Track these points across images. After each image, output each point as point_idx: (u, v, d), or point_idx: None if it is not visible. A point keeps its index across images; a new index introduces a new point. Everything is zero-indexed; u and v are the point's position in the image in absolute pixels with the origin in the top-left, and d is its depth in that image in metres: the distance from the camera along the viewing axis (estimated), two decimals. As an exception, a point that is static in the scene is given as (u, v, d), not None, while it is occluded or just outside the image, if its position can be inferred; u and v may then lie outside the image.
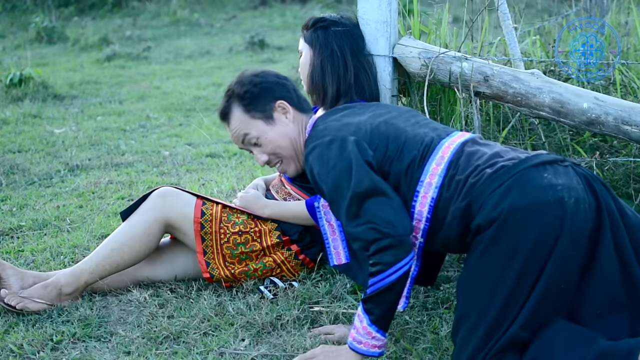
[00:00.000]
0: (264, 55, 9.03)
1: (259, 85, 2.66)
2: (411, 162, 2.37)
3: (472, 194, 2.27)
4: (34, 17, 10.90)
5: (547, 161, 2.29)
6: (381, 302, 2.33)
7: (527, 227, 2.17)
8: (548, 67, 3.57)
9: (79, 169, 4.76)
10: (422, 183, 2.34)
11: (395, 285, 2.30)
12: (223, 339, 2.73)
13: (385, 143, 2.39)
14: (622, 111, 2.87)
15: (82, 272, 3.00)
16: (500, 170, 2.26)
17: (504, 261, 2.19)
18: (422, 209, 2.34)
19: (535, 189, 2.21)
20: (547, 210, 2.18)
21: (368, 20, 3.14)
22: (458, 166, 2.34)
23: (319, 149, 2.39)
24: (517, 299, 2.19)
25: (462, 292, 2.29)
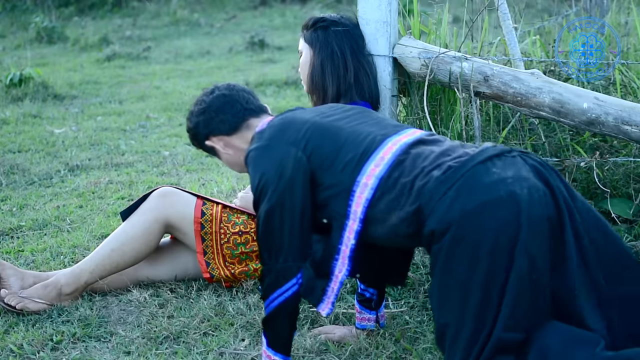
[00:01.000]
0: (264, 55, 9.03)
1: (190, 131, 2.64)
2: (348, 162, 2.34)
3: (421, 198, 2.22)
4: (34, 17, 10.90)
5: (494, 154, 2.24)
6: (272, 326, 2.38)
7: (484, 227, 2.13)
8: (548, 67, 3.57)
9: (79, 169, 4.76)
10: (358, 183, 2.31)
11: (282, 311, 2.35)
12: (223, 339, 2.74)
13: (320, 146, 2.37)
14: (622, 111, 2.87)
15: (82, 272, 3.00)
16: (447, 172, 2.21)
17: (469, 266, 2.15)
18: (357, 209, 2.32)
19: (485, 186, 2.16)
20: (500, 206, 2.13)
21: (368, 20, 3.14)
22: (404, 168, 2.30)
23: (254, 152, 2.40)
24: (491, 301, 2.14)
25: (435, 304, 2.25)
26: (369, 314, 2.72)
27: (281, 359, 2.41)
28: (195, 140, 2.65)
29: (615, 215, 3.18)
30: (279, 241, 2.34)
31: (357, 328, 2.74)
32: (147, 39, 10.41)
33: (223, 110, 2.59)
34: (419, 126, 3.27)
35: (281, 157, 2.35)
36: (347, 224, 2.34)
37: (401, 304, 2.95)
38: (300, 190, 2.34)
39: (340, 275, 2.38)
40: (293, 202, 2.33)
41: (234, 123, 2.58)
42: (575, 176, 3.30)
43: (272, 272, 2.35)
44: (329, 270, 2.39)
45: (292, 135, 2.38)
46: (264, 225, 2.35)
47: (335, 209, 2.35)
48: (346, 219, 2.34)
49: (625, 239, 3.08)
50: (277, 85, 7.24)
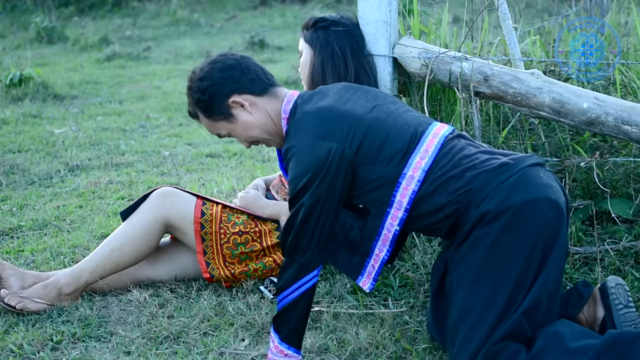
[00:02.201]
0: (264, 55, 9.03)
1: (207, 90, 2.53)
2: (395, 155, 2.40)
3: (474, 183, 2.34)
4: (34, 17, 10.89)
5: (539, 163, 2.43)
6: (287, 319, 2.42)
7: (536, 219, 2.29)
8: (548, 67, 3.57)
9: (79, 169, 4.76)
10: (404, 175, 2.38)
11: (299, 302, 2.40)
12: (223, 339, 2.74)
13: (367, 141, 2.40)
14: (622, 111, 2.87)
15: (82, 272, 3.00)
16: (502, 167, 2.36)
17: (514, 253, 2.29)
18: (402, 199, 2.39)
19: (539, 186, 2.34)
20: (550, 206, 2.31)
21: (368, 20, 3.13)
22: (449, 159, 2.40)
23: (299, 147, 2.39)
24: (521, 290, 2.28)
25: (465, 285, 2.32)
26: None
27: (294, 352, 2.44)
28: (214, 97, 2.53)
29: (615, 215, 3.18)
30: (311, 236, 2.37)
31: None
32: (147, 39, 10.40)
33: (252, 70, 2.54)
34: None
35: (327, 154, 2.35)
36: (390, 212, 2.41)
37: (401, 304, 2.95)
38: (340, 188, 2.38)
39: (381, 255, 2.46)
40: (333, 201, 2.37)
41: (265, 84, 2.53)
42: (575, 176, 3.29)
43: (296, 264, 2.38)
44: (368, 250, 2.45)
45: (337, 132, 2.38)
46: (303, 219, 2.36)
47: (376, 198, 2.42)
48: (388, 207, 2.41)
49: (625, 239, 3.09)
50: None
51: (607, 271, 3.00)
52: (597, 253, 3.03)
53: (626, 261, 3.04)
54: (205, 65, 2.56)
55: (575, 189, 3.32)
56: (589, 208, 3.21)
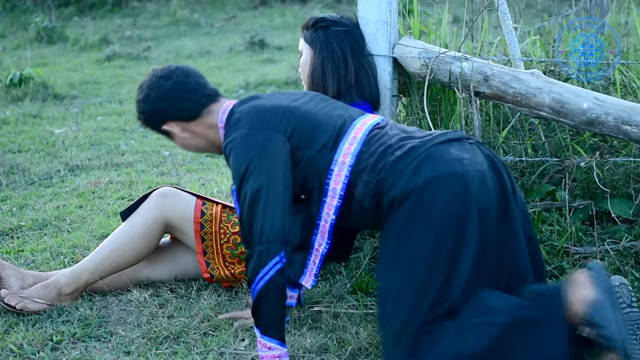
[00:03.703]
0: (264, 55, 9.03)
1: (144, 114, 2.64)
2: (325, 143, 2.46)
3: (382, 173, 2.39)
4: (34, 17, 10.89)
5: (453, 138, 2.44)
6: (262, 311, 2.41)
7: (442, 197, 2.30)
8: (548, 67, 3.57)
9: (79, 169, 4.76)
10: (336, 162, 2.44)
11: (268, 291, 2.39)
12: (223, 339, 2.74)
13: (299, 128, 2.47)
14: (622, 111, 2.87)
15: (82, 272, 3.00)
16: (410, 150, 2.39)
17: (422, 232, 2.30)
18: (335, 186, 2.45)
19: (444, 162, 2.35)
20: (457, 181, 2.31)
21: (368, 20, 3.14)
22: (370, 146, 2.45)
23: (235, 141, 2.45)
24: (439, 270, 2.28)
25: (383, 269, 2.38)
26: (291, 292, 2.79)
27: (278, 344, 2.43)
28: (148, 123, 2.65)
29: (615, 215, 3.18)
30: (262, 221, 2.39)
31: None
32: (147, 39, 10.40)
33: (184, 98, 2.60)
34: (419, 126, 3.27)
35: (263, 141, 2.42)
36: (325, 201, 2.46)
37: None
38: (282, 169, 2.43)
39: (320, 249, 2.51)
40: (277, 185, 2.41)
41: (196, 111, 2.60)
42: (575, 176, 3.30)
43: (256, 253, 2.39)
44: (308, 245, 2.50)
45: (270, 121, 2.46)
46: (249, 207, 2.40)
47: (313, 186, 2.47)
48: (324, 195, 2.46)
49: (625, 239, 3.09)
50: (277, 85, 7.23)
51: (607, 271, 3.00)
52: (597, 253, 3.03)
53: (626, 261, 3.04)
54: (144, 88, 2.63)
55: (575, 189, 3.32)
56: (589, 208, 3.21)
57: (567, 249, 3.09)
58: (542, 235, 3.14)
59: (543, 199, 3.28)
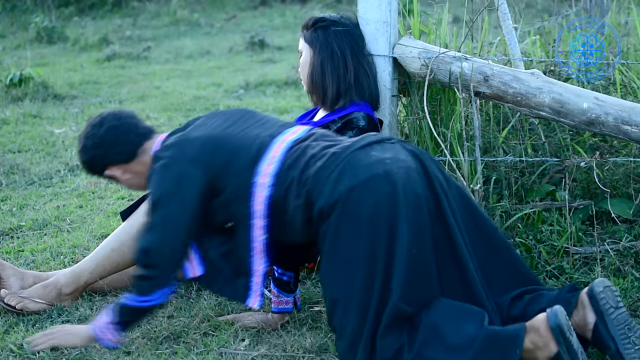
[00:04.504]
0: (264, 55, 9.03)
1: (85, 164, 2.75)
2: (242, 167, 2.51)
3: (308, 185, 2.41)
4: (34, 17, 10.88)
5: (374, 141, 2.46)
6: (126, 315, 2.56)
7: (365, 202, 2.32)
8: (548, 67, 3.57)
9: (79, 169, 4.75)
10: (256, 184, 2.48)
11: (141, 311, 2.56)
12: (223, 339, 2.74)
13: (217, 156, 2.53)
14: (622, 111, 2.87)
15: (82, 272, 3.00)
16: (330, 158, 2.42)
17: (353, 239, 2.33)
18: (258, 207, 2.49)
19: (365, 166, 2.37)
20: (380, 182, 2.34)
21: (368, 20, 3.13)
22: (293, 161, 2.48)
23: (155, 171, 2.55)
24: (376, 270, 2.31)
25: (325, 281, 2.43)
26: (286, 297, 2.80)
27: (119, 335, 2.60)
28: (91, 171, 2.76)
29: (615, 215, 3.18)
30: (159, 251, 2.50)
31: (273, 312, 2.81)
32: (147, 39, 10.40)
33: (118, 142, 2.67)
34: (419, 126, 3.27)
35: (178, 174, 2.51)
36: (253, 223, 2.50)
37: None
38: (190, 206, 2.51)
39: (260, 269, 2.55)
40: (181, 218, 2.50)
41: (131, 152, 2.67)
42: (575, 176, 3.30)
43: (149, 279, 2.53)
44: (247, 268, 2.54)
45: (188, 153, 2.53)
46: (152, 233, 2.51)
47: (238, 211, 2.51)
48: (250, 218, 2.50)
49: (625, 239, 3.09)
50: (277, 85, 7.24)
51: (607, 271, 3.01)
52: (597, 253, 3.03)
53: (626, 261, 3.04)
54: (81, 138, 2.72)
55: (575, 189, 3.32)
56: (589, 208, 3.21)
57: (567, 249, 3.09)
58: (542, 235, 3.14)
59: (543, 199, 3.28)
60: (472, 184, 3.11)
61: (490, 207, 3.22)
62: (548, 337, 2.27)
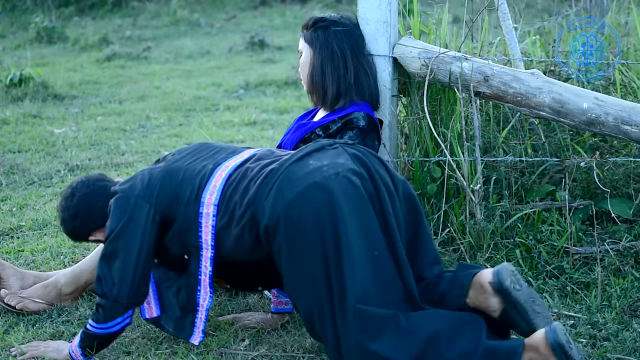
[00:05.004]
0: (264, 55, 9.03)
1: (70, 235, 2.80)
2: (188, 198, 2.54)
3: (252, 205, 2.43)
4: (34, 17, 10.88)
5: (313, 149, 2.46)
6: (87, 339, 2.60)
7: (307, 213, 2.33)
8: (548, 67, 3.57)
9: (79, 169, 4.76)
10: (201, 214, 2.52)
11: (100, 337, 2.59)
12: (223, 339, 2.74)
13: (163, 189, 2.57)
14: (622, 111, 2.87)
15: (82, 272, 3.00)
16: (268, 175, 2.43)
17: (305, 251, 2.34)
18: (206, 237, 2.52)
19: (302, 177, 2.38)
20: (317, 190, 2.33)
21: (368, 20, 3.13)
22: (233, 188, 2.50)
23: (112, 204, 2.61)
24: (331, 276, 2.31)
25: (292, 297, 2.44)
26: (285, 297, 2.80)
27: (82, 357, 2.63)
28: (77, 239, 2.81)
29: (615, 215, 3.18)
30: (113, 280, 2.55)
31: (273, 313, 2.82)
32: (147, 39, 10.39)
33: (92, 208, 2.71)
34: (419, 126, 3.27)
35: (128, 207, 2.56)
36: (202, 254, 2.53)
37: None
38: (139, 239, 2.55)
39: (205, 304, 2.58)
40: (131, 251, 2.55)
41: (106, 213, 2.68)
42: (575, 176, 3.30)
43: (103, 306, 2.56)
44: (194, 304, 2.58)
45: (137, 187, 2.58)
46: (106, 264, 2.55)
47: (190, 242, 2.54)
48: (200, 249, 2.53)
49: (625, 239, 3.09)
50: (277, 85, 7.23)
51: (607, 271, 3.01)
52: (597, 253, 3.03)
53: (626, 261, 3.04)
54: (59, 212, 2.77)
55: (575, 189, 3.32)
56: (589, 208, 3.21)
57: (567, 249, 3.09)
58: (542, 235, 3.14)
59: (543, 199, 3.28)
60: (472, 184, 3.11)
61: (490, 207, 3.22)
62: (547, 354, 2.24)
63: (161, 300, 2.66)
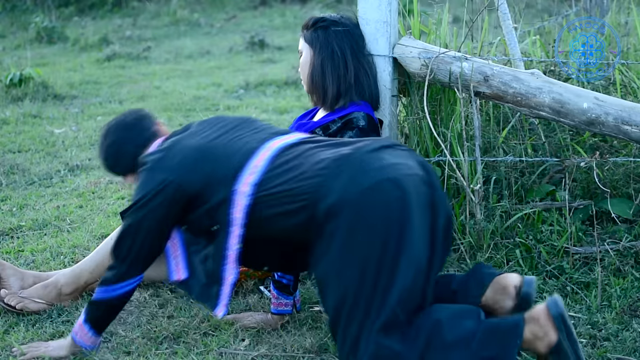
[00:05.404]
0: (264, 55, 9.03)
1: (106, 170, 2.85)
2: (224, 176, 2.53)
3: (314, 181, 2.40)
4: (34, 17, 10.88)
5: (386, 145, 2.47)
6: (96, 308, 2.62)
7: (379, 204, 2.32)
8: (548, 67, 3.57)
9: (79, 169, 4.76)
10: (236, 192, 2.49)
11: (112, 301, 2.60)
12: (223, 339, 2.74)
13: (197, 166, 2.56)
14: (622, 111, 2.87)
15: (82, 272, 3.00)
16: (341, 158, 2.42)
17: (366, 241, 2.32)
18: (237, 215, 2.50)
19: (377, 169, 2.37)
20: (392, 185, 2.34)
21: (368, 20, 3.14)
22: (284, 166, 2.48)
23: (142, 173, 2.62)
24: (383, 275, 2.31)
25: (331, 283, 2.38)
26: (286, 299, 2.80)
27: (93, 335, 2.64)
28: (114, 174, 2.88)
29: (615, 215, 3.18)
30: (128, 250, 2.57)
31: (273, 314, 2.82)
32: (147, 39, 10.40)
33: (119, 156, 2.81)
34: (419, 126, 3.27)
35: (157, 181, 2.55)
36: (231, 231, 2.51)
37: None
38: (163, 216, 2.56)
39: (230, 278, 2.56)
40: (154, 225, 2.56)
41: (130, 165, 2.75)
42: (575, 176, 3.30)
43: (115, 271, 2.59)
44: (219, 276, 2.55)
45: (170, 162, 2.58)
46: (123, 232, 2.58)
47: (219, 218, 2.52)
48: (229, 226, 2.51)
49: (625, 239, 3.09)
50: (277, 85, 7.24)
51: (607, 271, 3.01)
52: (597, 253, 3.03)
53: (626, 261, 3.04)
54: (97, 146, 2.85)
55: (575, 189, 3.32)
56: (589, 208, 3.21)
57: (567, 249, 3.09)
58: (542, 235, 3.14)
59: (543, 199, 3.28)
60: (472, 184, 3.11)
61: (490, 207, 3.22)
62: (548, 326, 2.30)
63: (190, 263, 2.64)
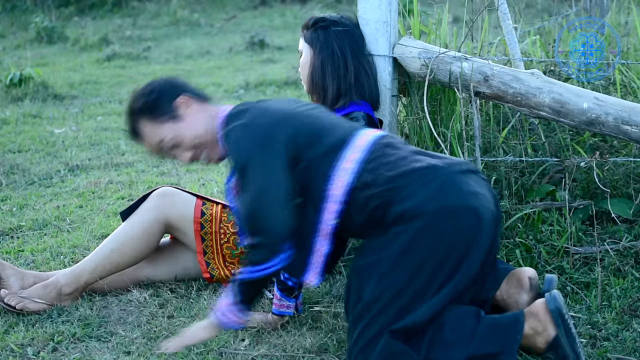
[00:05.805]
0: (264, 55, 9.03)
1: (153, 92, 2.64)
2: (329, 147, 2.47)
3: (399, 181, 2.39)
4: (34, 17, 10.88)
5: (470, 170, 2.49)
6: (244, 291, 2.47)
7: (452, 226, 2.34)
8: (548, 67, 3.57)
9: (79, 169, 4.76)
10: (337, 167, 2.44)
11: (259, 281, 2.45)
12: (223, 339, 2.74)
13: (302, 130, 2.48)
14: (622, 111, 2.87)
15: (82, 272, 3.00)
16: (431, 168, 2.41)
17: (426, 255, 2.34)
18: (336, 192, 2.44)
19: (464, 193, 2.39)
20: (470, 214, 2.37)
21: (368, 20, 3.14)
22: (377, 155, 2.46)
23: (236, 130, 2.47)
24: (428, 290, 2.34)
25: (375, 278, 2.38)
26: (288, 302, 2.80)
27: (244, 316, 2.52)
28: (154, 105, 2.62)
29: (615, 215, 3.18)
30: (264, 214, 2.40)
31: (274, 314, 2.82)
32: (147, 39, 10.40)
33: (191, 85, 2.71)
34: (419, 126, 3.27)
35: (265, 135, 2.43)
36: (325, 206, 2.45)
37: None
38: (284, 167, 2.43)
39: (322, 249, 2.50)
40: (279, 179, 2.42)
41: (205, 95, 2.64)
42: (575, 176, 3.30)
43: (259, 246, 2.41)
44: (310, 246, 2.49)
45: (273, 117, 2.48)
46: (249, 199, 2.41)
47: (313, 191, 2.46)
48: (323, 201, 2.45)
49: (625, 239, 3.09)
50: (277, 85, 7.24)
51: (607, 271, 3.01)
52: (597, 253, 3.03)
53: (626, 261, 3.04)
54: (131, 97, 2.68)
55: (575, 189, 3.32)
56: (589, 208, 3.21)
57: (567, 249, 3.09)
58: (542, 235, 3.14)
59: (543, 199, 3.28)
60: (472, 184, 3.11)
61: (490, 207, 3.22)
62: (547, 321, 2.34)
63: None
